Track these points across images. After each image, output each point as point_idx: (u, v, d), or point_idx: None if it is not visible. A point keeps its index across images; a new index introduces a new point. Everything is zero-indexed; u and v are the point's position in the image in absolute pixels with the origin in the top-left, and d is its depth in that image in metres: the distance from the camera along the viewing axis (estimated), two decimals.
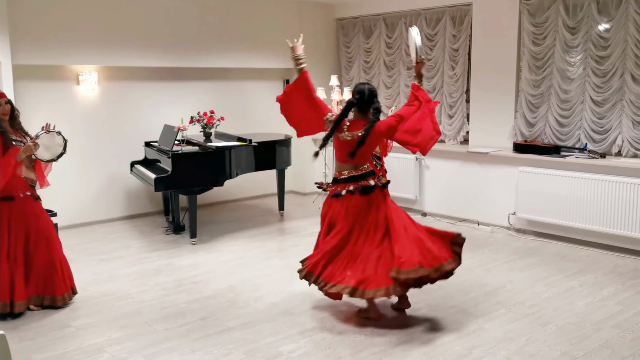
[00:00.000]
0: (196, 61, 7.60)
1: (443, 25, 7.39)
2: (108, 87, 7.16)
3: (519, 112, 6.73)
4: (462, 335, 4.03)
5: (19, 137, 4.45)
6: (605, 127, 6.11)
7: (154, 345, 3.94)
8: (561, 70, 6.36)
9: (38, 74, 6.62)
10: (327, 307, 4.53)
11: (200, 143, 6.60)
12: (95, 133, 7.10)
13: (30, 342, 4.00)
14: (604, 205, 5.81)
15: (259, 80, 8.47)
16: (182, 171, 6.09)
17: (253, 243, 6.34)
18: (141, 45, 7.11)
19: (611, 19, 5.93)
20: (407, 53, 7.84)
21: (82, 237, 6.59)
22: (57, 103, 6.78)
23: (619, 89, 5.96)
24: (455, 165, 7.10)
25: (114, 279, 5.25)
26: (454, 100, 7.38)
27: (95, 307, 4.60)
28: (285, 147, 7.19)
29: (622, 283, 5.00)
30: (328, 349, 3.85)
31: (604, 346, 3.84)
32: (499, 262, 5.62)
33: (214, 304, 4.63)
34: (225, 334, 4.09)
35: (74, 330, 4.20)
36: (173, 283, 5.13)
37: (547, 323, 4.21)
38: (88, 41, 6.71)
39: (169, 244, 6.32)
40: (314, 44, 8.58)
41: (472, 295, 4.75)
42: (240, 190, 8.33)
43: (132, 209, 7.49)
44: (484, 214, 6.88)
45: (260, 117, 8.50)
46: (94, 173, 7.15)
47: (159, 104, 7.53)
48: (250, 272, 5.39)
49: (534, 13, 6.49)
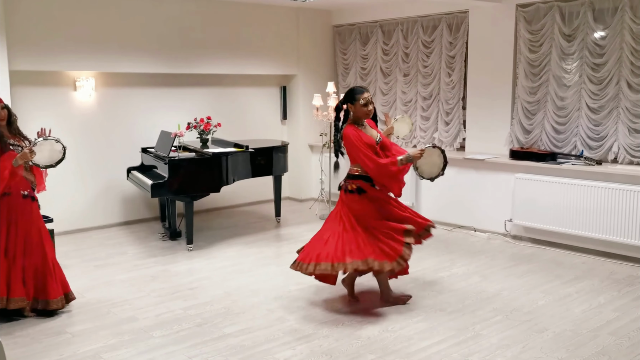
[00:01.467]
0: (193, 67, 7.61)
1: (440, 32, 7.42)
2: (105, 93, 7.16)
3: (515, 118, 6.75)
4: (458, 342, 4.02)
5: (17, 142, 4.46)
6: (602, 134, 6.13)
7: (150, 351, 3.93)
8: (557, 77, 6.39)
9: (35, 80, 6.62)
10: (323, 314, 4.52)
11: (197, 149, 6.60)
12: (92, 139, 7.09)
13: (26, 348, 3.98)
14: (600, 212, 5.82)
15: (256, 86, 8.48)
16: (178, 177, 6.08)
17: (249, 249, 6.33)
18: (138, 51, 7.12)
19: (607, 26, 5.96)
20: (403, 60, 7.87)
21: (79, 243, 6.57)
22: (54, 109, 6.77)
23: (615, 96, 5.99)
24: (451, 172, 7.07)
25: (110, 285, 5.23)
26: (451, 107, 7.40)
27: (91, 313, 4.58)
28: (282, 153, 7.19)
29: (618, 290, 5.01)
30: (324, 356, 3.84)
31: (600, 353, 3.84)
32: (495, 269, 5.62)
33: (211, 310, 4.62)
34: (221, 341, 4.07)
35: (70, 336, 4.18)
36: (169, 289, 5.11)
37: (543, 330, 4.21)
38: (85, 47, 6.71)
39: (166, 250, 6.31)
40: (311, 51, 8.62)
41: (468, 302, 4.75)
42: (236, 197, 8.33)
43: (128, 215, 7.48)
44: (480, 221, 6.89)
45: (257, 124, 8.51)
46: (90, 179, 7.14)
47: (156, 110, 7.53)
48: (246, 279, 5.38)
49: (530, 20, 6.52)
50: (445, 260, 5.86)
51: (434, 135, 7.63)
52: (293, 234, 6.93)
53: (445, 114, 7.46)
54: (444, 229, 7.03)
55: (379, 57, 8.19)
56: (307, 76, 8.61)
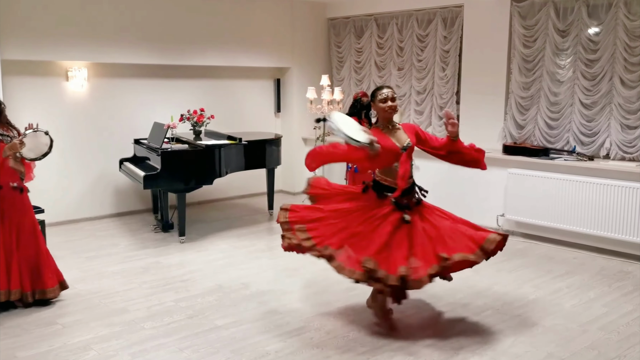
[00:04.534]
0: (187, 59, 7.57)
1: (434, 26, 7.41)
2: (98, 83, 7.12)
3: (508, 114, 6.76)
4: (449, 336, 4.04)
5: (5, 132, 4.42)
6: (594, 130, 6.15)
7: (141, 343, 3.92)
8: (551, 73, 6.40)
9: (27, 70, 6.57)
10: (314, 307, 4.53)
11: (190, 141, 6.58)
12: (84, 130, 7.05)
13: (16, 338, 3.97)
14: (591, 208, 5.85)
15: (249, 79, 8.46)
16: (171, 169, 6.06)
17: (242, 242, 6.33)
18: (132, 42, 7.07)
19: (601, 22, 5.97)
20: (397, 54, 7.86)
21: (70, 235, 6.55)
22: (46, 99, 6.73)
23: (608, 92, 6.00)
24: (444, 167, 7.05)
25: (102, 277, 5.21)
26: (444, 101, 7.39)
27: (82, 305, 4.57)
28: (275, 146, 7.18)
29: (608, 285, 5.04)
30: (315, 349, 3.84)
31: (590, 347, 3.87)
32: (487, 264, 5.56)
33: (202, 303, 4.61)
34: (212, 333, 4.07)
35: (60, 327, 4.17)
36: (161, 281, 5.10)
37: (534, 324, 4.23)
38: (78, 37, 6.66)
39: (158, 242, 6.29)
40: (305, 44, 8.59)
41: (459, 296, 4.77)
42: (229, 189, 8.31)
43: (120, 207, 7.45)
44: (472, 216, 6.84)
45: (250, 116, 8.48)
46: (82, 170, 7.10)
47: (149, 102, 7.49)
48: (238, 271, 5.38)
49: (525, 15, 6.52)
50: None
51: (427, 129, 7.62)
52: None
53: (439, 109, 7.46)
54: None
55: (374, 50, 8.18)
56: (301, 69, 8.59)
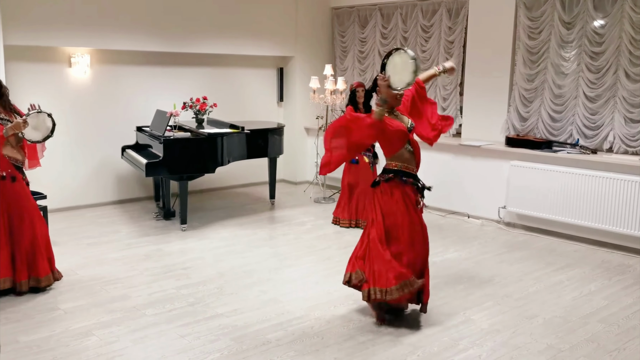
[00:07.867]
0: (190, 46, 7.54)
1: (439, 17, 7.38)
2: (101, 70, 7.11)
3: (512, 106, 6.74)
4: (449, 326, 4.05)
5: (7, 116, 4.41)
6: (598, 123, 6.13)
7: (142, 329, 3.93)
8: (555, 65, 6.37)
9: (30, 56, 6.56)
10: (315, 296, 4.54)
11: (192, 129, 6.57)
12: (86, 116, 7.05)
13: (17, 323, 3.98)
14: (593, 201, 5.84)
15: (252, 67, 8.43)
16: (173, 157, 6.06)
17: (243, 231, 6.33)
18: (135, 28, 7.05)
19: (607, 15, 5.94)
20: (402, 44, 7.81)
21: (71, 221, 6.55)
22: (49, 85, 6.72)
23: (612, 86, 5.98)
24: (447, 158, 7.10)
25: (103, 263, 5.22)
26: (448, 92, 7.38)
27: (84, 291, 4.58)
28: (278, 135, 7.17)
29: (609, 278, 5.04)
30: (316, 337, 3.85)
31: (589, 340, 3.87)
32: (488, 255, 5.65)
33: (203, 290, 4.62)
34: (213, 320, 4.08)
35: (62, 313, 4.18)
36: (162, 269, 5.11)
37: (534, 316, 4.23)
38: (81, 23, 6.64)
39: (159, 229, 6.30)
40: (309, 33, 8.55)
41: (460, 287, 4.77)
42: (231, 178, 8.31)
43: (122, 194, 7.46)
44: (474, 207, 6.90)
45: (253, 105, 8.47)
46: (84, 157, 7.10)
47: (152, 89, 7.48)
48: (239, 260, 5.39)
49: (530, 7, 6.49)
50: (438, 245, 5.87)
51: None
52: (287, 217, 6.93)
53: (442, 100, 7.44)
54: (437, 215, 7.04)
55: (378, 40, 8.14)
56: (305, 58, 8.56)
